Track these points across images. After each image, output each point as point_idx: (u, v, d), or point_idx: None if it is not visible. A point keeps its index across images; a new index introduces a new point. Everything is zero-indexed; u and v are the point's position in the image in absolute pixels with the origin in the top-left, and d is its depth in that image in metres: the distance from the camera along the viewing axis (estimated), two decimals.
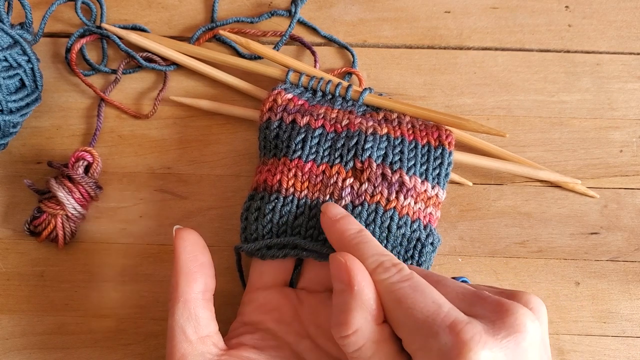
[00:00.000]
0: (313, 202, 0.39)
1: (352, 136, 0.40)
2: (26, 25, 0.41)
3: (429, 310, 0.29)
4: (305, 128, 0.40)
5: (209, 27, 0.47)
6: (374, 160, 0.39)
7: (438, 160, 0.40)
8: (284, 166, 0.39)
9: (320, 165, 0.39)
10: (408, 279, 0.31)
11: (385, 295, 0.31)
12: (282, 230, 0.38)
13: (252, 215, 0.39)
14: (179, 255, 0.34)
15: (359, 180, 0.39)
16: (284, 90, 0.42)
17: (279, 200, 0.39)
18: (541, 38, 0.48)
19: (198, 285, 0.34)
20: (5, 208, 0.44)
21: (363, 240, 0.34)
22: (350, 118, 0.41)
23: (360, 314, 0.31)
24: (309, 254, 0.38)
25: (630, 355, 0.42)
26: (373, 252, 0.33)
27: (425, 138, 0.41)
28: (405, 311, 0.30)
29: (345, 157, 0.39)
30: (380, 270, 0.32)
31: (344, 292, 0.31)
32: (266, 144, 0.41)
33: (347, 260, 0.32)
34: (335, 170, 0.39)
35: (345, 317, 0.31)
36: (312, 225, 0.38)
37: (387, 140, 0.40)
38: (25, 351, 0.41)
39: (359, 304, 0.31)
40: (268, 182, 0.39)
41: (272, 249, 0.38)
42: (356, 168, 0.39)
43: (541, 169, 0.44)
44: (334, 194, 0.39)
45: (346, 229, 0.35)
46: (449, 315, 0.29)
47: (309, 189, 0.39)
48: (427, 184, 0.40)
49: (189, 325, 0.33)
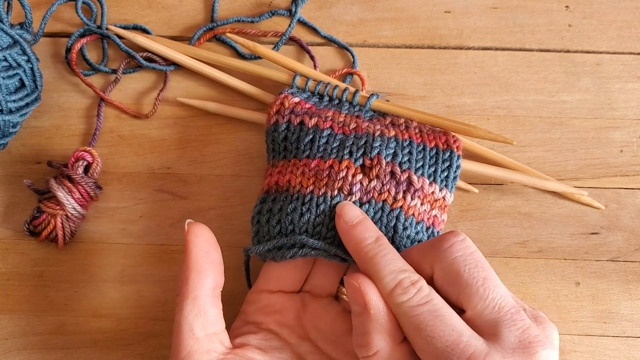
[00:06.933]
0: (320, 197, 0.37)
1: (361, 137, 0.39)
2: (26, 25, 0.41)
3: (448, 339, 0.30)
4: (314, 129, 0.40)
5: (209, 27, 0.47)
6: (383, 157, 0.38)
7: (447, 163, 0.40)
8: (293, 167, 0.39)
9: (327, 161, 0.38)
10: (427, 302, 0.31)
11: (404, 319, 0.31)
12: (289, 229, 0.38)
13: (264, 217, 0.39)
14: (191, 250, 0.34)
15: (367, 177, 0.38)
16: (290, 94, 0.42)
17: (287, 199, 0.38)
18: (541, 38, 0.48)
19: (208, 281, 0.34)
20: (5, 208, 0.44)
21: (380, 254, 0.33)
22: (357, 122, 0.40)
23: (379, 336, 0.31)
24: (318, 253, 0.37)
25: (631, 355, 0.42)
26: (391, 269, 0.33)
27: (434, 141, 0.40)
28: (424, 339, 0.30)
29: (354, 154, 0.38)
30: (399, 291, 0.32)
31: (362, 315, 0.32)
32: (275, 147, 0.41)
33: (361, 283, 0.32)
34: (344, 165, 0.38)
35: (365, 339, 0.32)
36: (319, 222, 0.37)
37: (396, 142, 0.39)
38: (25, 351, 0.41)
39: (377, 326, 0.32)
40: (280, 183, 0.39)
41: (281, 249, 0.37)
42: (365, 165, 0.38)
43: (548, 179, 0.43)
44: (343, 188, 0.37)
45: (363, 237, 0.35)
46: (468, 346, 0.29)
47: (315, 184, 0.38)
48: (435, 185, 0.39)
49: (197, 321, 0.33)
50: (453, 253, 0.32)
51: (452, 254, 0.32)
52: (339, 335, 0.36)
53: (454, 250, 0.32)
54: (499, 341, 0.30)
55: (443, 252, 0.32)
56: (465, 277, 0.31)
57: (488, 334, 0.30)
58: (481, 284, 0.31)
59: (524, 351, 0.30)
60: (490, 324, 0.31)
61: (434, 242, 0.33)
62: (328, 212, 0.37)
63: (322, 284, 0.39)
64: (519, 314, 0.31)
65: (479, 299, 0.31)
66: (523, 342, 0.30)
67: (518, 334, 0.30)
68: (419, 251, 0.34)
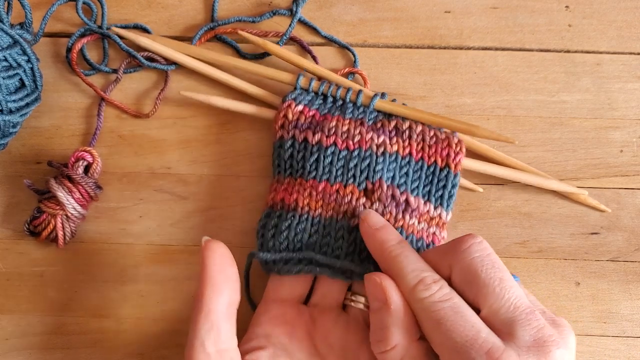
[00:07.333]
0: (327, 220, 0.40)
1: (365, 157, 0.41)
2: (26, 25, 0.41)
3: (467, 335, 0.31)
4: (318, 147, 0.41)
5: (210, 26, 0.47)
6: (384, 182, 0.40)
7: (442, 182, 0.41)
8: (300, 186, 0.40)
9: (334, 185, 0.40)
10: (448, 299, 0.32)
11: (425, 314, 0.33)
12: (297, 247, 0.39)
13: (269, 232, 0.40)
14: (207, 266, 0.34)
15: (370, 200, 0.40)
16: (293, 101, 0.42)
17: (295, 218, 0.40)
18: (541, 38, 0.48)
19: (224, 298, 0.34)
20: (5, 208, 0.44)
21: (403, 253, 0.35)
22: (361, 131, 0.41)
23: (397, 330, 0.33)
24: (323, 271, 0.38)
25: (631, 355, 0.42)
26: (414, 267, 0.34)
27: (433, 157, 0.42)
28: (444, 333, 0.31)
29: (358, 178, 0.40)
30: (421, 287, 0.33)
31: (381, 310, 0.34)
32: (280, 163, 0.42)
33: (382, 279, 0.34)
34: (349, 190, 0.40)
35: (383, 333, 0.33)
36: (326, 242, 0.39)
37: (396, 161, 0.41)
38: (25, 351, 0.41)
39: (396, 321, 0.33)
40: (286, 200, 0.40)
41: (288, 264, 0.39)
42: (367, 188, 0.40)
43: (549, 178, 0.43)
44: (348, 212, 0.40)
45: (387, 239, 0.36)
46: (486, 342, 0.30)
47: (323, 207, 0.40)
48: (430, 204, 0.41)
49: (209, 336, 0.33)
50: (471, 254, 0.33)
51: (470, 254, 0.33)
52: (349, 349, 0.37)
53: (472, 251, 0.33)
54: (514, 340, 0.31)
55: (461, 253, 0.33)
56: (483, 277, 0.32)
57: (504, 333, 0.31)
58: (497, 284, 0.32)
59: (538, 350, 0.30)
60: (506, 323, 0.31)
61: (452, 244, 0.34)
62: (334, 234, 0.39)
63: (330, 293, 0.39)
64: (534, 314, 0.31)
65: (495, 298, 0.32)
66: (538, 341, 0.31)
67: (532, 332, 0.31)
68: (437, 253, 0.35)
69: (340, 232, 0.39)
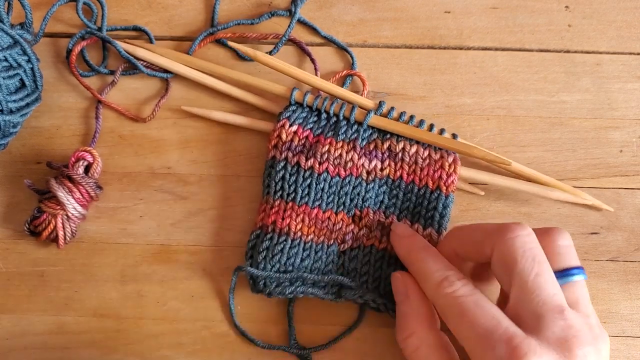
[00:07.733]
0: (318, 245, 0.41)
1: (355, 185, 0.42)
2: (26, 25, 0.41)
3: (489, 324, 0.32)
4: (310, 172, 0.42)
5: (210, 31, 0.47)
6: (371, 210, 0.42)
7: (432, 204, 0.42)
8: (292, 211, 0.41)
9: (325, 212, 0.41)
10: (472, 294, 0.34)
11: (449, 308, 0.34)
12: (288, 270, 0.40)
13: (260, 254, 0.40)
14: None
15: (357, 226, 0.42)
16: (287, 120, 0.42)
17: (288, 242, 0.40)
18: (541, 38, 0.48)
19: None
20: (5, 208, 0.44)
21: (430, 254, 0.38)
22: (353, 158, 0.42)
23: (415, 319, 0.37)
24: (315, 292, 0.40)
25: (630, 355, 0.42)
26: (438, 267, 0.36)
27: (425, 180, 0.42)
28: (467, 324, 0.33)
29: (347, 205, 0.42)
30: (446, 283, 0.35)
31: (403, 302, 0.38)
32: (271, 184, 0.42)
33: (403, 276, 0.39)
34: (340, 217, 0.42)
35: (403, 321, 0.37)
36: (317, 267, 0.41)
37: (386, 184, 0.42)
38: (25, 351, 0.41)
39: (415, 310, 0.37)
40: (277, 224, 0.41)
41: (280, 285, 0.40)
42: (355, 215, 0.42)
43: (553, 189, 0.43)
44: (338, 238, 0.42)
45: (415, 244, 0.39)
46: (507, 331, 0.32)
47: (315, 233, 0.41)
48: (418, 225, 0.42)
49: None
50: (515, 243, 0.34)
51: (515, 243, 0.34)
52: None
53: (517, 240, 0.34)
54: (539, 334, 0.31)
55: (506, 239, 0.34)
56: (520, 267, 0.33)
57: (529, 326, 0.32)
58: (532, 278, 0.33)
59: (561, 346, 0.31)
60: (533, 316, 0.32)
61: (501, 227, 0.35)
62: (325, 258, 0.41)
63: None
64: (563, 314, 0.32)
65: (526, 290, 0.33)
66: (562, 338, 0.31)
67: (558, 330, 0.31)
68: (484, 231, 0.36)
69: (331, 257, 0.41)
